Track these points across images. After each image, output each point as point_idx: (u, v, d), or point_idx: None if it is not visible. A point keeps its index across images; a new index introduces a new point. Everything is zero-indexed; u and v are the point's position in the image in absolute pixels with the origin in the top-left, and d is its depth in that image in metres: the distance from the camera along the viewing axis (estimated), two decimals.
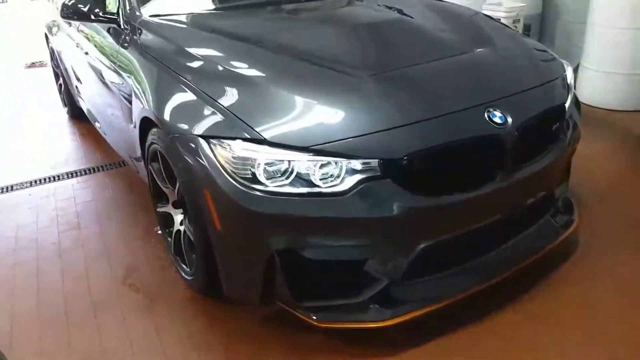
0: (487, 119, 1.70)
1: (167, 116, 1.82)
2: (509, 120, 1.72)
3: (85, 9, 2.47)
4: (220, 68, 1.93)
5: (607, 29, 3.71)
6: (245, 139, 1.60)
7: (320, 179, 1.58)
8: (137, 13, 2.42)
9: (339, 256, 1.66)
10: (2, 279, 2.29)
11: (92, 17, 2.48)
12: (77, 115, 4.18)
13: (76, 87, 3.59)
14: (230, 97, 1.76)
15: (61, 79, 4.22)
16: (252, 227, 1.62)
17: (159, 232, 2.48)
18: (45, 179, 3.25)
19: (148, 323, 1.97)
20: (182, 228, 2.06)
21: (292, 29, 2.39)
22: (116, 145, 2.93)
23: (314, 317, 1.70)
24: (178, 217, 2.11)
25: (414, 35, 2.20)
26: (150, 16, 2.40)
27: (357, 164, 1.58)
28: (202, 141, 1.66)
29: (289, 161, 1.58)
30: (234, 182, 1.59)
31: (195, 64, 1.98)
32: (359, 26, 2.32)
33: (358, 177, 1.59)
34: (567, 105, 2.02)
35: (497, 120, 1.70)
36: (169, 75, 1.95)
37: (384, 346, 1.78)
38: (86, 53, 2.95)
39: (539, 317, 1.86)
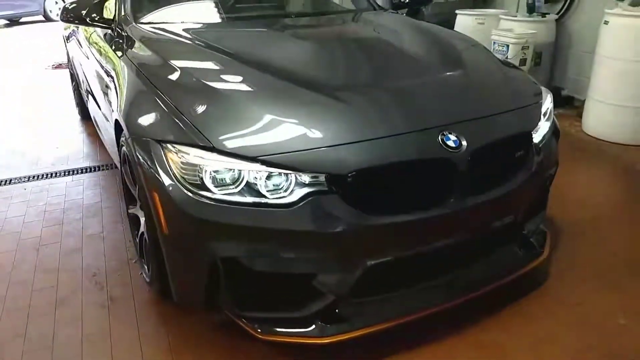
0: (441, 141, 1.69)
1: (129, 119, 1.88)
2: (464, 144, 1.70)
3: (83, 13, 2.58)
4: (192, 79, 1.97)
5: (614, 60, 3.64)
6: (195, 145, 1.63)
7: (269, 190, 1.60)
8: (129, 19, 2.51)
9: (283, 268, 1.67)
10: None
11: (89, 21, 2.58)
12: (87, 117, 4.33)
13: (85, 90, 3.71)
14: (192, 106, 1.79)
15: (75, 81, 4.38)
16: (197, 233, 1.64)
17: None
18: (43, 175, 3.36)
19: (103, 321, 2.01)
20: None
21: (267, 43, 2.44)
22: (108, 149, 3.01)
23: (257, 329, 1.70)
24: (143, 220, 2.15)
25: (383, 55, 2.22)
26: (142, 23, 2.49)
27: (305, 178, 1.59)
28: (155, 144, 1.70)
29: (239, 170, 1.60)
30: (181, 188, 1.62)
31: (168, 73, 2.03)
32: (329, 43, 2.36)
33: (305, 190, 1.59)
34: (538, 133, 1.98)
35: (451, 143, 1.69)
36: (142, 81, 2.01)
37: None
38: (88, 57, 3.06)
39: (486, 347, 1.82)
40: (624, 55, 3.57)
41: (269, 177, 1.60)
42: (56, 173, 3.40)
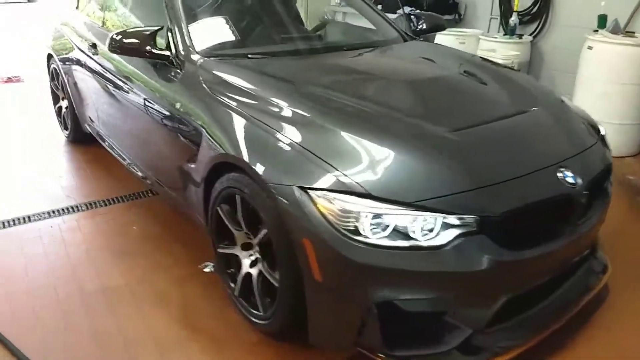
0: (560, 178, 1.86)
1: (259, 165, 1.86)
2: (579, 179, 1.88)
3: (138, 45, 2.47)
4: (306, 116, 1.98)
5: (597, 82, 4.05)
6: (349, 192, 1.67)
7: (417, 234, 1.67)
8: (195, 53, 2.44)
9: (430, 307, 1.74)
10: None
11: (147, 53, 2.48)
12: (79, 140, 4.10)
13: (94, 114, 3.51)
14: (324, 148, 1.82)
15: (66, 102, 4.11)
16: (353, 278, 1.68)
17: (208, 270, 2.48)
18: (60, 210, 3.15)
19: None
20: (253, 271, 2.09)
21: (365, 79, 2.45)
22: (157, 180, 2.85)
23: None
24: (247, 260, 2.13)
25: (474, 92, 2.36)
26: (211, 56, 2.44)
27: (453, 219, 1.68)
28: (303, 193, 1.72)
29: (390, 215, 1.66)
30: (338, 235, 1.65)
31: (278, 112, 2.03)
32: (426, 81, 2.42)
33: (454, 231, 1.68)
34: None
35: (570, 179, 1.86)
36: (253, 122, 1.99)
37: None
38: (117, 85, 2.92)
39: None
40: (607, 77, 3.99)
41: (418, 220, 1.67)
42: (77, 207, 3.19)
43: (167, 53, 2.50)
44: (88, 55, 3.32)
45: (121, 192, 3.37)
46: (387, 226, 1.66)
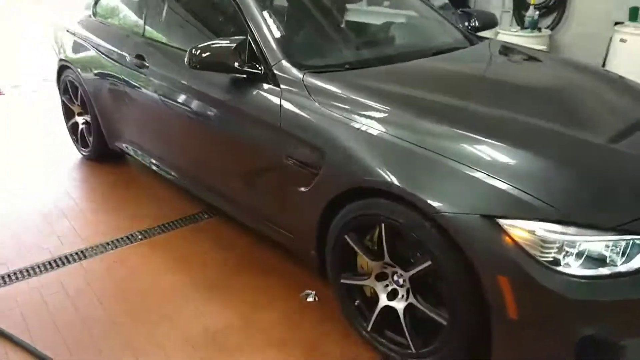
0: None
1: (423, 192, 1.67)
2: None
3: (224, 59, 2.22)
4: (469, 135, 1.78)
5: (630, 74, 4.06)
6: (548, 220, 1.53)
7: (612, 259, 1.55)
8: (294, 66, 2.21)
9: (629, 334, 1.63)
10: None
11: (237, 70, 2.24)
12: (99, 157, 3.78)
13: (134, 130, 3.21)
14: (505, 169, 1.66)
15: (83, 117, 3.76)
16: (556, 313, 1.53)
17: (311, 299, 2.30)
18: (115, 242, 2.85)
19: None
20: (397, 305, 1.91)
21: (499, 87, 2.32)
22: (234, 201, 2.62)
23: None
24: (383, 292, 1.96)
25: (602, 98, 2.27)
26: (310, 70, 2.21)
27: None
28: (489, 222, 1.56)
29: (584, 241, 1.54)
30: (540, 268, 1.51)
31: (433, 130, 1.84)
32: (561, 89, 2.30)
33: None
34: None
35: None
36: (402, 142, 1.80)
37: None
38: (180, 101, 2.65)
39: None
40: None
41: (614, 244, 1.56)
42: (132, 236, 2.89)
43: (255, 68, 2.26)
44: (130, 69, 3.00)
45: (172, 215, 3.08)
46: (582, 253, 1.54)
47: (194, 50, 2.25)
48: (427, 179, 1.72)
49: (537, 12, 4.91)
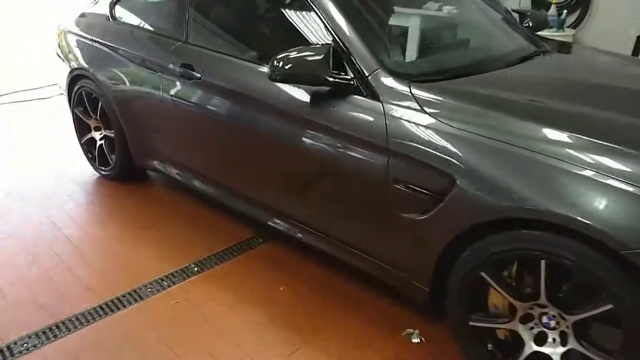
0: None
1: (608, 226, 1.44)
2: None
3: (316, 71, 1.94)
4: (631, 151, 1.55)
5: None
6: None
7: None
8: (397, 78, 1.95)
9: None
10: None
11: (327, 82, 1.97)
12: (120, 177, 3.40)
13: (175, 147, 2.89)
14: None
15: (101, 133, 3.38)
16: None
17: (416, 339, 2.08)
18: (169, 278, 2.51)
19: None
20: (552, 351, 1.68)
21: (623, 94, 2.14)
22: (329, 234, 2.28)
23: None
24: (529, 336, 1.72)
25: None
26: (416, 80, 1.96)
27: None
28: None
29: None
30: None
31: (601, 150, 1.58)
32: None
33: None
34: None
35: None
36: (568, 169, 1.55)
37: None
38: (247, 115, 2.36)
39: None
40: None
41: None
42: (187, 269, 2.56)
43: (349, 79, 1.99)
44: (173, 79, 2.66)
45: (221, 243, 2.76)
46: None
47: (275, 62, 1.97)
48: (608, 209, 1.48)
49: (565, 11, 4.79)
